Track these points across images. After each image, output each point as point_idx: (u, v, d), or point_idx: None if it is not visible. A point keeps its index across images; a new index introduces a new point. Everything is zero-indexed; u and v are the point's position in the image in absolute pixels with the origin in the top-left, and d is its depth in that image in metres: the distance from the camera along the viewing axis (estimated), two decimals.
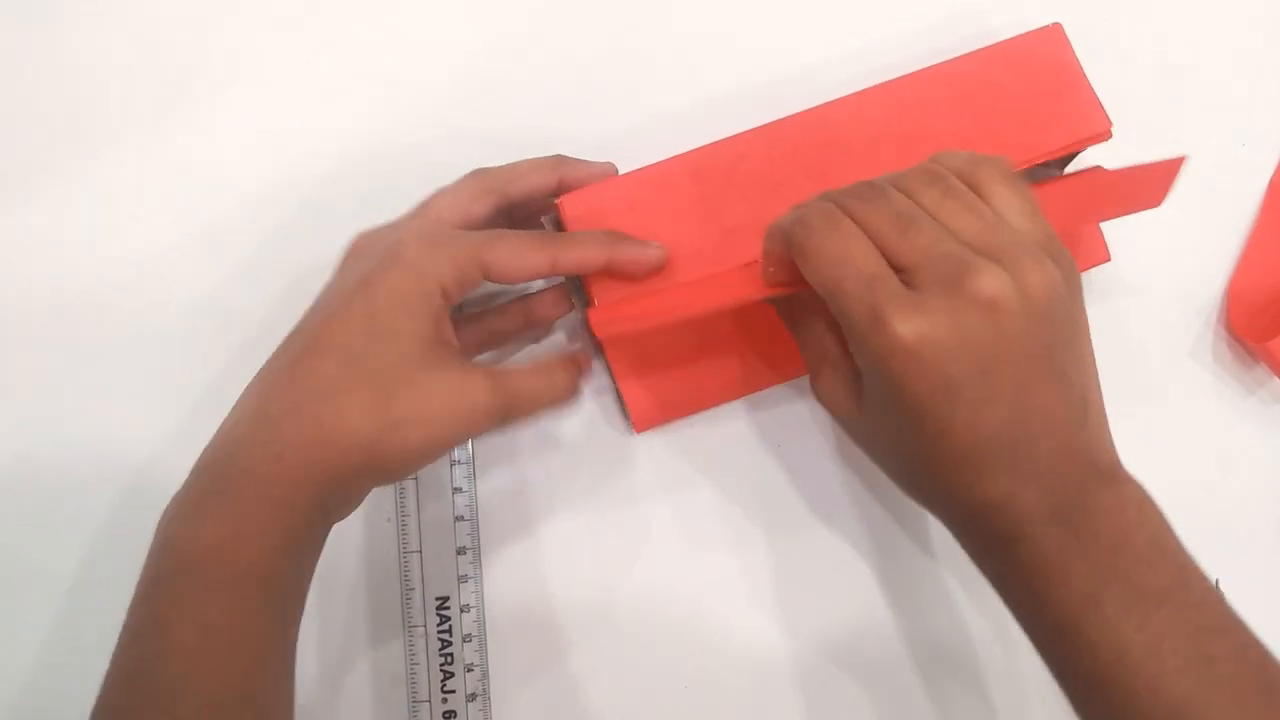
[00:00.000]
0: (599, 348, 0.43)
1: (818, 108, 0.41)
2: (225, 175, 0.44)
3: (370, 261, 0.35)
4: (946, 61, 0.41)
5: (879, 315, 0.31)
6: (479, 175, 0.39)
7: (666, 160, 0.40)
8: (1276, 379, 0.45)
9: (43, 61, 0.45)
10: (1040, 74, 0.41)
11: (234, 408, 0.35)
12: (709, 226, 0.40)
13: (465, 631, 0.42)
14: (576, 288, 0.43)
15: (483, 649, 0.42)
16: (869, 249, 0.32)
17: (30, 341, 0.43)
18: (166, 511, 0.33)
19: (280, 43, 0.45)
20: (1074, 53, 0.41)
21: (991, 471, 0.32)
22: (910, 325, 0.30)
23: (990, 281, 0.30)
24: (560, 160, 0.40)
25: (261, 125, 0.45)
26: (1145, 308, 0.46)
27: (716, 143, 0.40)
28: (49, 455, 0.42)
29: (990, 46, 0.41)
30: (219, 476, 0.33)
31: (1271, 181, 0.47)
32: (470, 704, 0.41)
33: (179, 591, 0.31)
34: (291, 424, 0.32)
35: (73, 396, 0.43)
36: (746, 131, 0.40)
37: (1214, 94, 0.47)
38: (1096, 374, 0.34)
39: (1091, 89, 0.41)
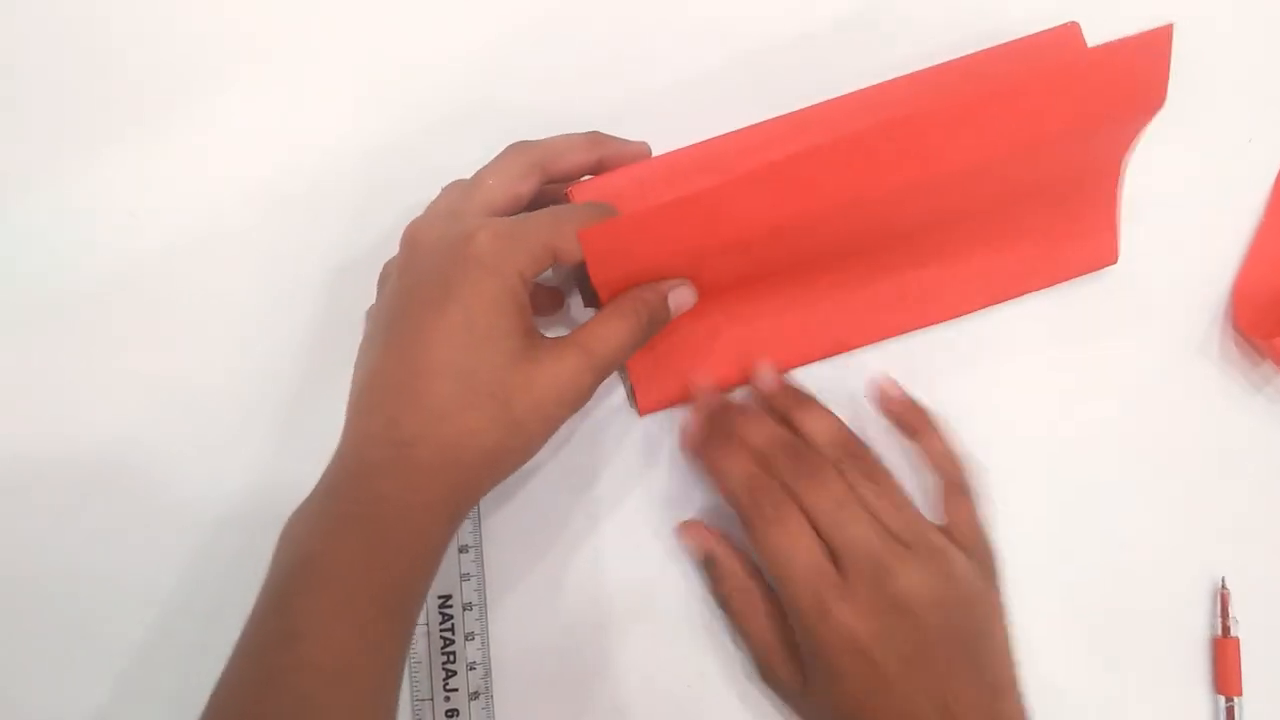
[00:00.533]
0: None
1: (829, 101, 0.40)
2: (226, 172, 0.44)
3: (445, 262, 0.35)
4: (961, 58, 0.41)
5: (823, 604, 0.36)
6: (522, 151, 0.38)
7: (678, 151, 0.40)
8: None
9: (42, 61, 0.44)
10: None
11: (356, 428, 0.35)
12: None
13: (468, 630, 0.42)
14: (581, 276, 0.43)
15: (485, 647, 0.42)
16: (813, 541, 0.37)
17: (29, 340, 0.43)
18: (293, 527, 0.34)
19: (282, 39, 0.45)
20: None
21: None
22: (846, 613, 0.36)
23: (908, 582, 0.36)
24: (598, 139, 0.40)
25: (263, 122, 0.45)
26: (1151, 304, 0.45)
27: (727, 134, 0.40)
28: (49, 455, 0.42)
29: (1006, 44, 0.41)
30: (357, 501, 0.33)
31: (1279, 177, 0.46)
32: (473, 702, 0.41)
33: (314, 608, 0.32)
34: (423, 450, 0.33)
35: (72, 395, 0.43)
36: (757, 124, 0.40)
37: (1221, 89, 0.47)
38: (1010, 651, 0.38)
39: None
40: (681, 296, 0.38)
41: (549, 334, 0.37)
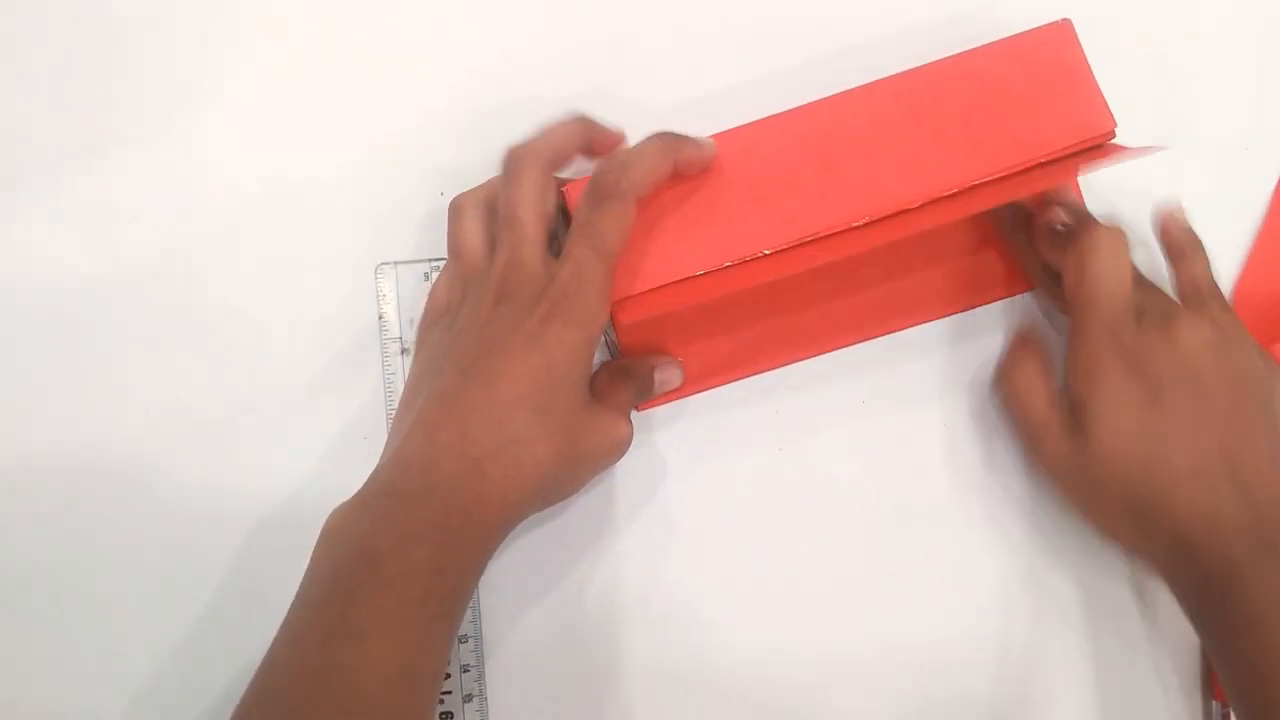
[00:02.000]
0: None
1: (824, 99, 0.40)
2: (228, 174, 0.44)
3: (544, 306, 0.36)
4: (954, 56, 0.41)
5: (1120, 323, 0.39)
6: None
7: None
8: None
9: (43, 61, 0.45)
10: (1047, 71, 0.40)
11: (421, 437, 0.36)
12: (715, 217, 0.39)
13: (461, 633, 0.42)
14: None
15: (479, 650, 0.42)
16: (1129, 267, 0.40)
17: (29, 342, 0.43)
18: (351, 525, 0.35)
19: (284, 40, 0.45)
20: (1082, 50, 0.41)
21: (1218, 489, 0.37)
22: (1136, 335, 0.39)
23: (1195, 330, 0.39)
24: (587, 122, 0.41)
25: (263, 124, 0.45)
26: None
27: (721, 133, 0.40)
28: (49, 455, 0.42)
29: (998, 41, 0.41)
30: (427, 508, 0.34)
31: (1279, 183, 0.46)
32: (466, 705, 0.41)
33: (379, 608, 0.33)
34: (494, 468, 0.35)
35: (72, 397, 0.43)
36: (752, 123, 0.40)
37: (1221, 95, 0.47)
38: None
39: (1098, 87, 0.40)
40: (668, 374, 0.42)
41: None
